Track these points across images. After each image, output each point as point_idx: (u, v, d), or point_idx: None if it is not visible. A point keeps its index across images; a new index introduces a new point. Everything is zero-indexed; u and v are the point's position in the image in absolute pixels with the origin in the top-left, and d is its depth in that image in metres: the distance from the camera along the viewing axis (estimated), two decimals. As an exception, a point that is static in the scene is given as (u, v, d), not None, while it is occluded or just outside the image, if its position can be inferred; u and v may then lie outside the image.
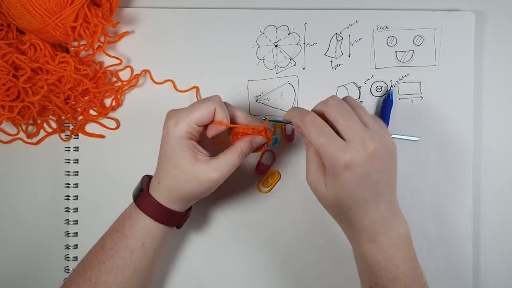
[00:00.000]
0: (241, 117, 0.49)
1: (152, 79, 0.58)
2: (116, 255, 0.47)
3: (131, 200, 0.50)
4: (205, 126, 0.48)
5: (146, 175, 0.51)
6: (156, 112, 0.58)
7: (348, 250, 0.55)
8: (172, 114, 0.47)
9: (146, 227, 0.48)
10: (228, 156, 0.47)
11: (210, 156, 0.48)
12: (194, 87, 0.58)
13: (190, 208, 0.52)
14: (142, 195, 0.49)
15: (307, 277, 0.58)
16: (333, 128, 0.43)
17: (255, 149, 0.50)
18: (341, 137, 0.43)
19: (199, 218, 0.58)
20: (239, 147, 0.48)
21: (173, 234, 0.56)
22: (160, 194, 0.48)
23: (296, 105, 0.59)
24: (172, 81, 0.58)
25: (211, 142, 0.55)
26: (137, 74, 0.58)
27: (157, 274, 0.55)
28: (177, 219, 0.50)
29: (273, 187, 0.58)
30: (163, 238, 0.50)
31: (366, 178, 0.42)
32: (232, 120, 0.49)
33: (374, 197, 0.43)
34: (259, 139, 0.49)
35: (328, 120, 0.44)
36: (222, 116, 0.47)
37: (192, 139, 0.47)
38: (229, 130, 0.50)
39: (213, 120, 0.47)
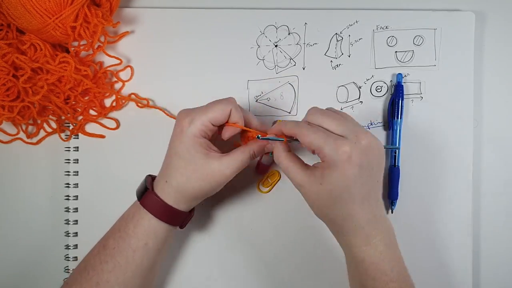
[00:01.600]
0: (255, 121, 0.51)
1: (137, 105, 0.59)
2: (119, 255, 0.47)
3: (132, 200, 0.50)
4: (218, 127, 0.49)
5: (149, 175, 0.51)
6: (156, 112, 0.59)
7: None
8: (186, 113, 0.48)
9: (150, 227, 0.48)
10: (240, 155, 0.48)
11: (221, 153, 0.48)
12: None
13: (193, 208, 0.52)
14: (148, 194, 0.49)
15: (307, 277, 0.58)
16: None
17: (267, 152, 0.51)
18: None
19: (199, 217, 0.58)
20: (252, 149, 0.49)
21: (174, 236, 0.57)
22: (167, 193, 0.48)
23: (296, 105, 0.59)
24: (161, 109, 0.58)
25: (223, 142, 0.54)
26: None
27: (158, 274, 0.55)
28: (182, 219, 0.50)
29: (273, 187, 0.58)
30: (166, 238, 0.50)
31: (362, 171, 0.43)
32: (245, 123, 0.50)
33: (367, 194, 0.44)
34: (271, 146, 0.50)
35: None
36: (237, 118, 0.48)
37: (205, 137, 0.48)
38: (242, 133, 0.50)
39: (227, 121, 0.48)
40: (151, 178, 0.51)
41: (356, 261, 0.46)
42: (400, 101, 0.57)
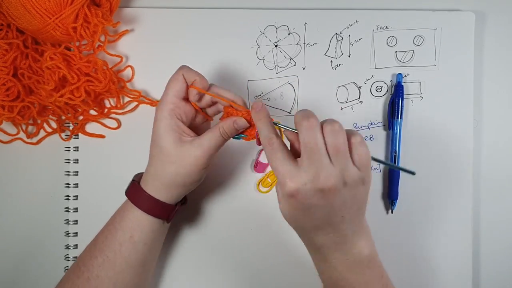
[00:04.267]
0: (227, 93, 0.48)
1: (145, 99, 0.58)
2: (107, 249, 0.48)
3: (131, 200, 0.50)
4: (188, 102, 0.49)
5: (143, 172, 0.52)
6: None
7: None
8: (158, 102, 0.48)
9: (134, 219, 0.48)
10: (210, 133, 0.47)
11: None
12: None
13: (183, 203, 0.52)
14: (131, 185, 0.50)
15: (306, 276, 0.58)
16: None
17: (240, 132, 0.48)
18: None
19: (198, 217, 0.58)
20: (221, 125, 0.47)
21: (171, 234, 0.57)
22: (147, 183, 0.48)
23: (296, 105, 0.58)
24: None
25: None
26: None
27: (154, 273, 0.55)
28: (166, 211, 0.49)
29: (273, 187, 0.58)
30: (152, 232, 0.49)
31: (312, 210, 0.41)
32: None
33: (323, 225, 0.43)
34: (241, 122, 0.47)
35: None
36: (191, 77, 0.47)
37: (178, 118, 0.47)
38: (225, 110, 0.49)
39: (188, 86, 0.48)
40: (142, 173, 0.51)
41: (317, 271, 0.48)
42: (400, 101, 0.57)
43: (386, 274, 0.46)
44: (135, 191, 0.49)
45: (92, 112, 0.58)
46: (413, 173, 0.43)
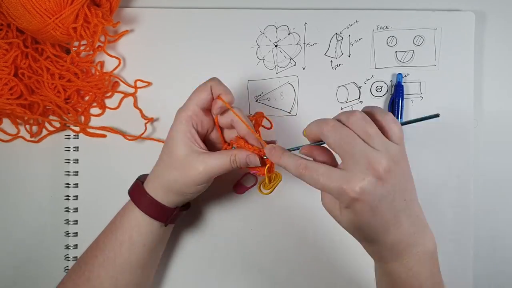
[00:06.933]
0: (249, 123, 0.47)
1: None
2: (107, 248, 0.48)
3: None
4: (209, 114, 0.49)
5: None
6: (156, 111, 0.59)
7: (350, 252, 0.55)
8: (181, 107, 0.48)
9: (134, 219, 0.48)
10: (219, 154, 0.47)
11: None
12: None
13: (185, 208, 0.52)
14: (135, 184, 0.50)
15: (307, 278, 0.58)
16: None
17: (249, 166, 0.47)
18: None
19: (200, 218, 0.58)
20: (235, 153, 0.46)
21: (173, 235, 0.56)
22: (149, 183, 0.49)
23: (296, 105, 0.58)
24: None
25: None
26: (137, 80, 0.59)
27: (156, 275, 0.55)
28: (165, 214, 0.49)
29: (274, 188, 0.58)
30: (151, 234, 0.49)
31: (380, 204, 0.39)
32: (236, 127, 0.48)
33: (394, 219, 0.40)
34: (254, 159, 0.47)
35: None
36: (219, 90, 0.46)
37: (193, 127, 0.47)
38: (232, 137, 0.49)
39: (213, 99, 0.47)
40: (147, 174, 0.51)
41: (383, 272, 0.44)
42: (400, 101, 0.57)
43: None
44: (136, 190, 0.49)
45: (93, 111, 0.59)
46: (437, 116, 0.42)
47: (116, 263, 0.48)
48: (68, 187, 0.58)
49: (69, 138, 0.59)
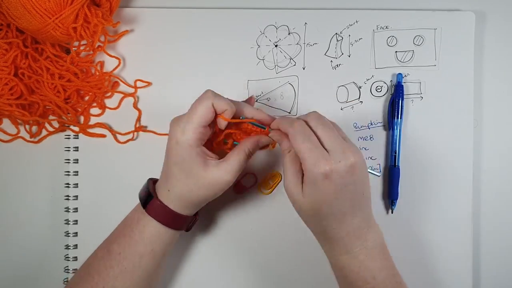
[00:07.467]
0: (248, 109, 0.49)
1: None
2: (125, 260, 0.47)
3: (131, 201, 0.50)
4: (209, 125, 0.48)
5: (151, 178, 0.51)
6: (156, 111, 0.59)
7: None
8: (176, 121, 0.47)
9: (156, 233, 0.48)
10: (236, 157, 0.47)
11: (218, 158, 0.48)
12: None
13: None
14: (153, 202, 0.48)
15: (309, 277, 0.58)
16: None
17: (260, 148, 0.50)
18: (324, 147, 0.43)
19: (200, 219, 0.58)
20: (247, 147, 0.48)
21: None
22: (171, 201, 0.48)
23: (296, 105, 0.59)
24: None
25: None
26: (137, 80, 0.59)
27: (163, 274, 0.55)
28: (187, 223, 0.51)
29: (274, 188, 0.58)
30: (172, 242, 0.50)
31: (344, 189, 0.43)
32: (240, 114, 0.49)
33: (351, 209, 0.44)
34: (265, 139, 0.49)
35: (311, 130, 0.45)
36: (222, 106, 0.46)
37: (201, 143, 0.47)
38: (238, 126, 0.49)
39: (216, 114, 0.47)
40: (152, 182, 0.50)
41: (335, 268, 0.47)
42: (400, 101, 0.57)
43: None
44: (158, 208, 0.48)
45: (93, 111, 0.59)
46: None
47: (134, 275, 0.48)
48: (68, 187, 0.58)
49: (69, 138, 0.59)
